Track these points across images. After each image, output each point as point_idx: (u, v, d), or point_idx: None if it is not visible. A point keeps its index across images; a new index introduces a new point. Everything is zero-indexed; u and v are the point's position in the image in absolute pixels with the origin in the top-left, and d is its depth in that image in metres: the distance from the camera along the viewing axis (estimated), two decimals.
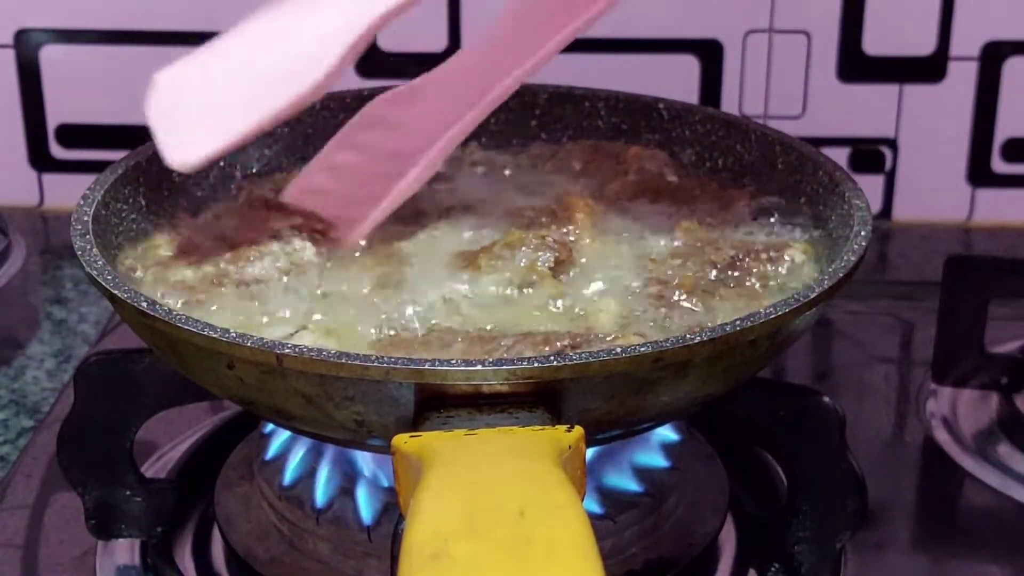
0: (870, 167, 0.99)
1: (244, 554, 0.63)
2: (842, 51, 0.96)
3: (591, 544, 0.42)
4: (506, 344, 0.56)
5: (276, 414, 0.56)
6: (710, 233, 0.67)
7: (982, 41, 0.96)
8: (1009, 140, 0.99)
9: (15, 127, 1.01)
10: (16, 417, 0.79)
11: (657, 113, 0.75)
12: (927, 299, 0.81)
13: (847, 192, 0.64)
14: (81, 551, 0.66)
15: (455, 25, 0.96)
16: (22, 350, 0.86)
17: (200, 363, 0.55)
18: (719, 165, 0.73)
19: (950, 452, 0.75)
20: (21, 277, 0.94)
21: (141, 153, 0.68)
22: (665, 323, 0.59)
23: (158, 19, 0.97)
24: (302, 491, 0.63)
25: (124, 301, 0.55)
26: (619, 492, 0.63)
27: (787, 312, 0.54)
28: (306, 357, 0.51)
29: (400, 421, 0.52)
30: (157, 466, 0.72)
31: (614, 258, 0.65)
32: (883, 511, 0.69)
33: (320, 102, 0.75)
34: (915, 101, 0.98)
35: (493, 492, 0.44)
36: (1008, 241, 0.99)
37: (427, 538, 0.42)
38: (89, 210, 0.62)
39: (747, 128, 0.72)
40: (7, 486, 0.71)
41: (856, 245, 0.60)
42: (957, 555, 0.68)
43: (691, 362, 0.53)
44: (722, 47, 0.97)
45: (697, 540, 0.64)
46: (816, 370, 0.83)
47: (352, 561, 0.61)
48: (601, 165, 0.73)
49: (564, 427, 0.49)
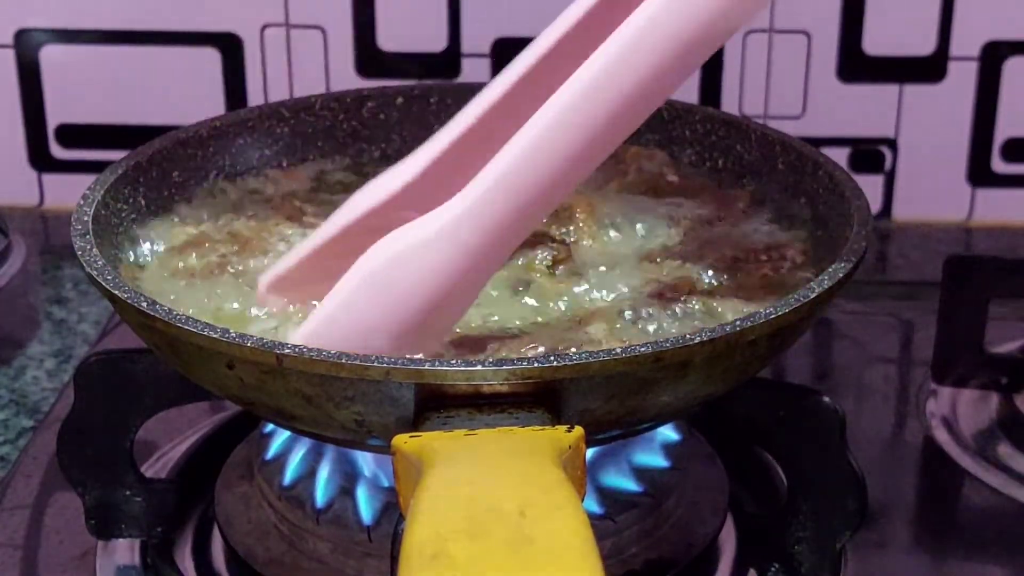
0: (870, 167, 0.99)
1: (244, 554, 0.63)
2: (842, 51, 0.96)
3: (591, 544, 0.42)
4: (493, 347, 0.56)
5: (276, 414, 0.56)
6: (710, 233, 0.67)
7: (982, 41, 0.96)
8: (1009, 140, 0.99)
9: (15, 127, 1.01)
10: (16, 417, 0.79)
11: (657, 113, 0.75)
12: (927, 299, 0.81)
13: (847, 192, 0.64)
14: (81, 551, 0.66)
15: (455, 25, 0.96)
16: (22, 350, 0.86)
17: (200, 363, 0.55)
18: (719, 165, 0.73)
19: (950, 452, 0.75)
20: (21, 277, 0.94)
21: (141, 153, 0.68)
22: (663, 324, 0.59)
23: (158, 19, 0.97)
24: (302, 491, 0.63)
25: (124, 301, 0.55)
26: (619, 492, 0.63)
27: (787, 312, 0.54)
28: (306, 357, 0.51)
29: (400, 421, 0.52)
30: (157, 466, 0.72)
31: (613, 258, 0.65)
32: (883, 511, 0.69)
33: (320, 102, 0.75)
34: (915, 101, 0.98)
35: (493, 492, 0.44)
36: (1008, 241, 0.99)
37: (427, 538, 0.42)
38: (89, 210, 0.62)
39: (747, 128, 0.72)
40: (7, 486, 0.71)
41: (856, 245, 0.59)
42: (957, 555, 0.68)
43: (691, 362, 0.53)
44: (721, 47, 0.96)
45: (697, 540, 0.64)
46: (816, 370, 0.83)
47: (352, 561, 0.61)
48: (601, 165, 0.73)
49: (564, 427, 0.49)
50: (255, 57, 0.98)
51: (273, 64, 0.98)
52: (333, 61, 0.97)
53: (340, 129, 0.76)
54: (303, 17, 0.97)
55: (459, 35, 0.96)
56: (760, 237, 0.67)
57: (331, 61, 0.97)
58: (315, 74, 0.98)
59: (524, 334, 0.57)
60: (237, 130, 0.73)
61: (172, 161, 0.70)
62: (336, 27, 0.96)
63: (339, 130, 0.76)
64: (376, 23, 0.96)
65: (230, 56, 0.98)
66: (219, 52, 0.98)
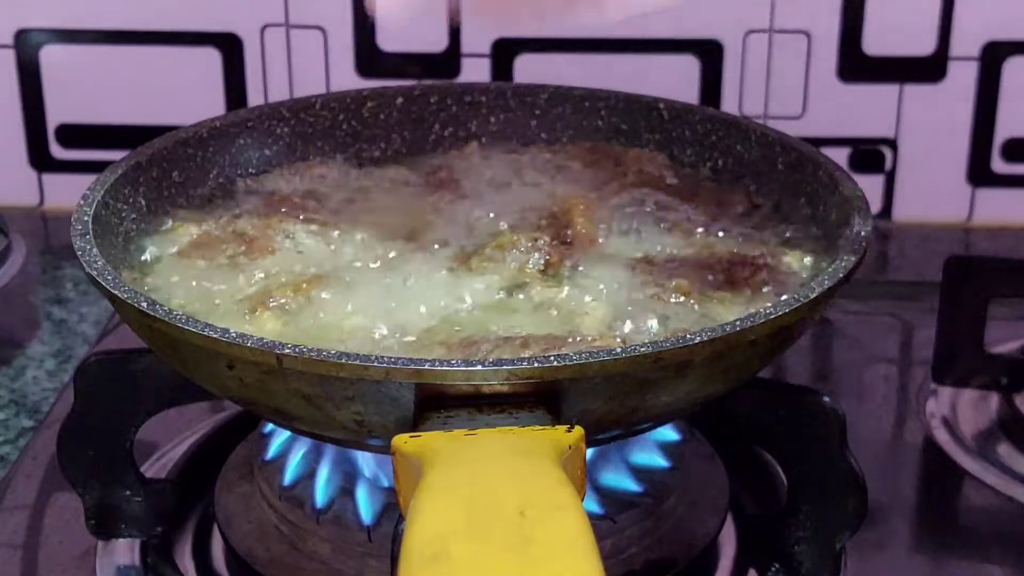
0: (870, 167, 0.99)
1: (244, 554, 0.63)
2: (842, 51, 0.96)
3: (591, 544, 0.42)
4: (486, 348, 0.56)
5: (276, 414, 0.56)
6: (708, 236, 0.67)
7: (982, 41, 0.96)
8: (1009, 140, 0.99)
9: (15, 127, 1.01)
10: (16, 417, 0.79)
11: (657, 113, 0.75)
12: (927, 299, 0.81)
13: (847, 192, 0.64)
14: (81, 551, 0.66)
15: (455, 25, 0.96)
16: (22, 350, 0.86)
17: (200, 363, 0.55)
18: (719, 165, 0.73)
19: (950, 452, 0.75)
20: (21, 277, 0.93)
21: (141, 153, 0.68)
22: (660, 325, 0.59)
23: (158, 19, 0.97)
24: (302, 491, 0.63)
25: (124, 301, 0.55)
26: (619, 492, 0.63)
27: (787, 312, 0.54)
28: (306, 357, 0.51)
29: (400, 421, 0.52)
30: (157, 466, 0.72)
31: (611, 260, 0.64)
32: (883, 511, 0.69)
33: (320, 102, 0.75)
34: (915, 101, 0.98)
35: (493, 492, 0.44)
36: (1008, 241, 0.99)
37: (427, 538, 0.42)
38: (89, 210, 0.62)
39: (747, 128, 0.72)
40: (7, 486, 0.71)
41: (856, 245, 0.60)
42: (957, 555, 0.68)
43: (691, 362, 0.53)
44: (722, 47, 0.97)
45: (697, 540, 0.64)
46: (816, 370, 0.83)
47: (352, 561, 0.61)
48: (601, 166, 0.74)
49: (564, 427, 0.49)
50: (255, 57, 0.98)
51: (273, 64, 0.98)
52: (333, 61, 0.97)
53: (340, 129, 0.76)
54: (303, 17, 0.97)
55: (459, 35, 0.96)
56: (759, 238, 0.67)
57: (331, 61, 0.97)
58: (315, 74, 0.98)
59: (521, 336, 0.57)
60: (237, 130, 0.73)
61: (172, 161, 0.70)
62: (336, 27, 0.97)
63: (339, 130, 0.76)
64: (376, 23, 0.96)
65: (230, 56, 0.98)
66: (219, 52, 0.98)
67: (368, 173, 0.74)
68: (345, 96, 0.75)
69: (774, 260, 0.64)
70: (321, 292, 0.61)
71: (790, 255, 0.64)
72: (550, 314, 0.60)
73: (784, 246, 0.65)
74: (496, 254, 0.63)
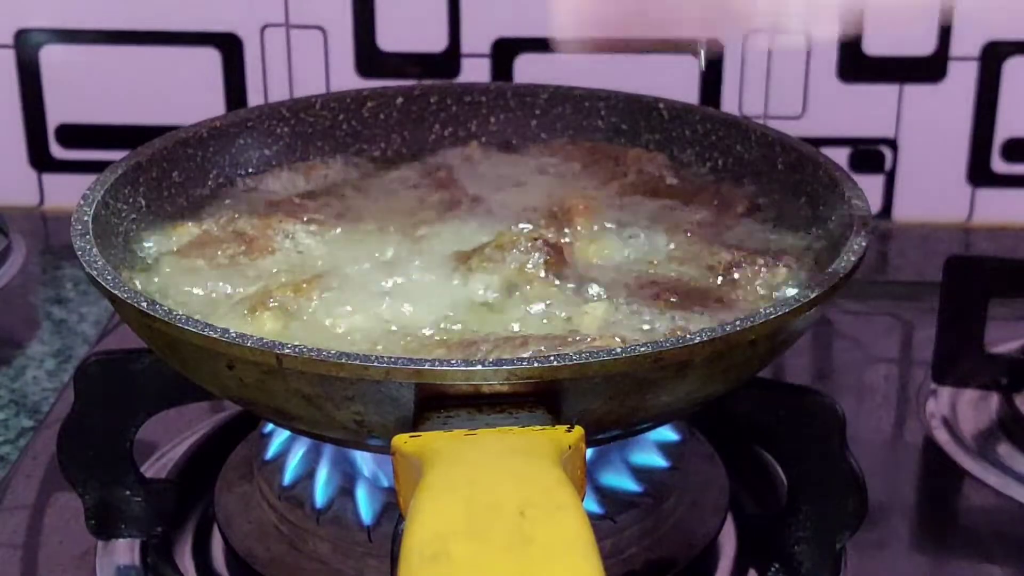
0: (870, 167, 0.99)
1: (244, 554, 0.63)
2: (842, 51, 0.96)
3: (591, 544, 0.42)
4: (486, 348, 0.56)
5: (276, 414, 0.56)
6: (708, 235, 0.67)
7: (982, 41, 0.96)
8: (1009, 140, 0.99)
9: (15, 127, 1.01)
10: (16, 417, 0.79)
11: (657, 113, 0.75)
12: (927, 299, 0.81)
13: (847, 192, 0.64)
14: (81, 551, 0.66)
15: (455, 25, 0.96)
16: (22, 350, 0.86)
17: (200, 363, 0.55)
18: (719, 165, 0.73)
19: (950, 452, 0.75)
20: (21, 277, 0.93)
21: (141, 153, 0.68)
22: (658, 326, 0.59)
23: (158, 19, 0.97)
24: (302, 491, 0.63)
25: (124, 301, 0.55)
26: (619, 492, 0.63)
27: (787, 312, 0.54)
28: (306, 357, 0.51)
29: (400, 421, 0.52)
30: (157, 466, 0.72)
31: (611, 260, 0.65)
32: (883, 511, 0.69)
33: (320, 102, 0.75)
34: (915, 101, 0.98)
35: (493, 492, 0.44)
36: (1008, 241, 0.99)
37: (427, 538, 0.42)
38: (89, 210, 0.62)
39: (747, 128, 0.72)
40: (7, 486, 0.71)
41: (856, 245, 0.59)
42: (957, 555, 0.68)
43: (691, 362, 0.53)
44: (721, 47, 0.97)
45: (697, 540, 0.64)
46: (816, 370, 0.83)
47: (352, 561, 0.61)
48: (600, 166, 0.73)
49: (564, 427, 0.49)
50: (255, 57, 0.98)
51: (273, 64, 0.98)
52: (333, 61, 0.97)
53: (340, 129, 0.76)
54: (303, 17, 0.97)
55: (459, 35, 0.96)
56: (759, 239, 0.67)
57: (331, 61, 0.97)
58: (315, 74, 0.98)
59: (521, 336, 0.57)
60: (237, 130, 0.73)
61: (172, 161, 0.70)
62: (336, 27, 0.97)
63: (339, 130, 0.76)
64: (376, 23, 0.96)
65: (230, 56, 0.98)
66: (219, 52, 0.98)
67: (368, 173, 0.74)
68: (345, 96, 0.75)
69: (773, 263, 0.64)
70: (321, 292, 0.61)
71: (788, 259, 0.64)
72: (550, 314, 0.60)
73: (782, 250, 0.65)
74: (496, 254, 0.63)
